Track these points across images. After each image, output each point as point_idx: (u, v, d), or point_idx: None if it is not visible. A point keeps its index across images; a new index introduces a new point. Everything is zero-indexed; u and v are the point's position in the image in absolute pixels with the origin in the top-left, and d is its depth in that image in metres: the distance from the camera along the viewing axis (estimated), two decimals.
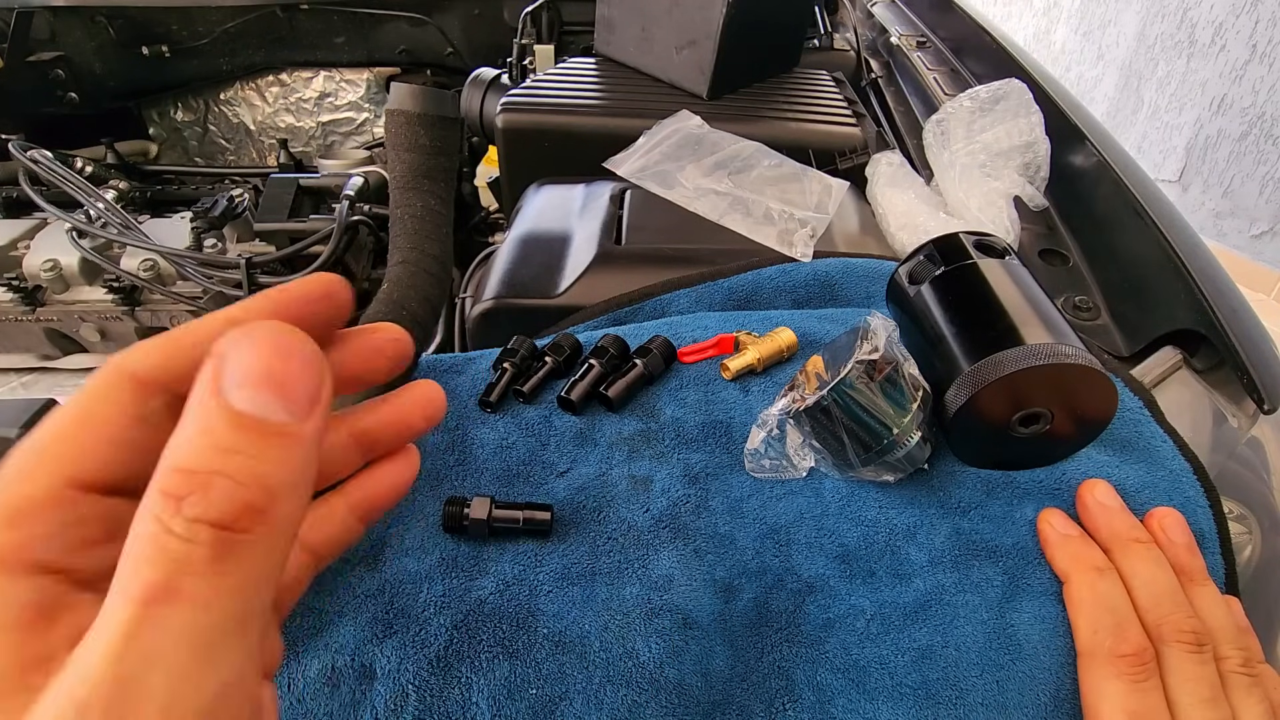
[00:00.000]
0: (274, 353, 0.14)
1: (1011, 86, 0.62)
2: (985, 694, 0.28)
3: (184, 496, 0.13)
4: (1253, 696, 0.28)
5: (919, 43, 0.95)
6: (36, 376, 0.81)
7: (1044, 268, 0.55)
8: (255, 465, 0.14)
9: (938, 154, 0.63)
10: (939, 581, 0.31)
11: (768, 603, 0.31)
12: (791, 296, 0.47)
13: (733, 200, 0.57)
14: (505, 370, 0.39)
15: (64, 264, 0.79)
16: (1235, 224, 2.24)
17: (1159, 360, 0.44)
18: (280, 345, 0.14)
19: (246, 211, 0.87)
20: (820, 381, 0.32)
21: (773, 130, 0.67)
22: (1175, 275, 0.46)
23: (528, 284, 0.51)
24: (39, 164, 0.82)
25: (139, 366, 0.16)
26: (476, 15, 1.20)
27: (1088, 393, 0.31)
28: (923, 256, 0.37)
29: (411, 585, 0.31)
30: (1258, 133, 2.10)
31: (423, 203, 0.39)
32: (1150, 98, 2.42)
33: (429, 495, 0.34)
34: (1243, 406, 0.41)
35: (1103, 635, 0.28)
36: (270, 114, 1.31)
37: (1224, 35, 2.14)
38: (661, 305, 0.47)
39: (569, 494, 0.34)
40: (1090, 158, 0.59)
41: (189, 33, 1.16)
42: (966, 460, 0.34)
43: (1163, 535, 0.31)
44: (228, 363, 0.14)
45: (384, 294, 0.37)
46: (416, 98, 0.39)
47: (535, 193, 0.64)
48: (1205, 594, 0.30)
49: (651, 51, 0.75)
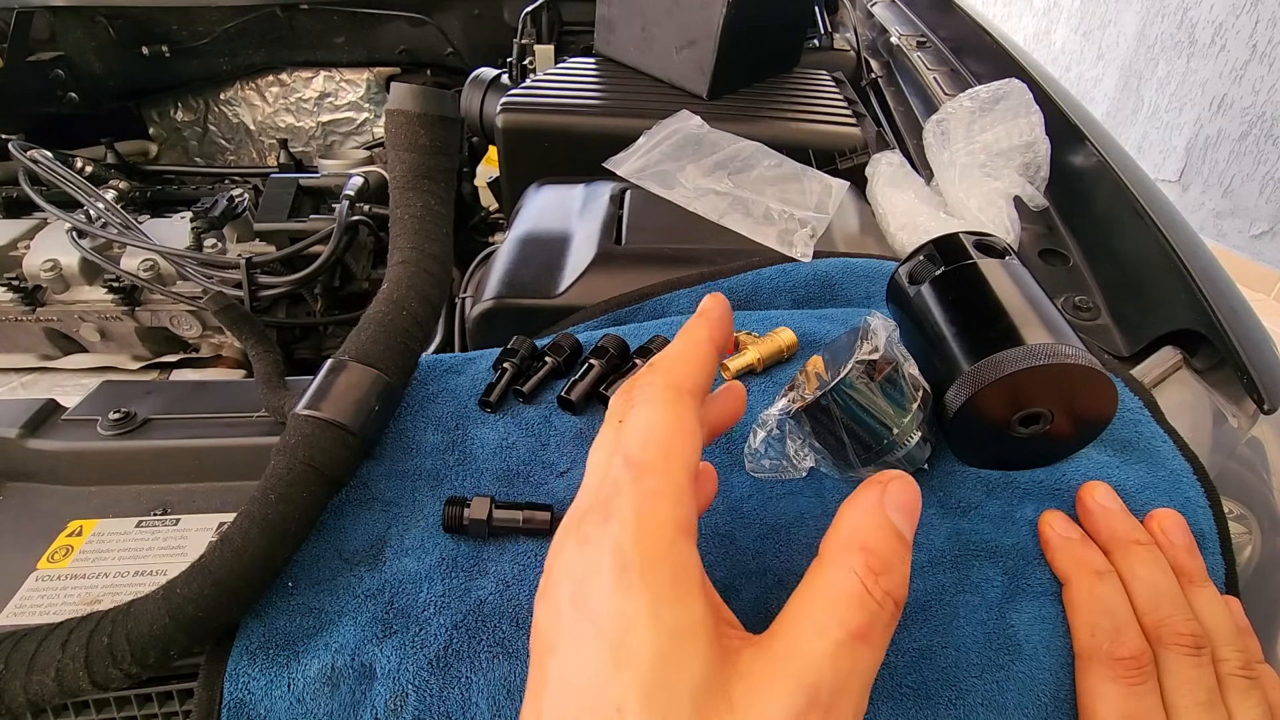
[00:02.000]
0: (911, 494, 0.22)
1: (1011, 86, 0.62)
2: (985, 694, 0.28)
3: (880, 573, 0.20)
4: (1250, 699, 0.28)
5: (919, 43, 0.95)
6: (36, 376, 0.81)
7: (1044, 268, 0.55)
8: (902, 568, 0.21)
9: (938, 154, 0.63)
10: (938, 581, 0.31)
11: (768, 603, 0.31)
12: (791, 296, 0.47)
13: (733, 200, 0.57)
14: (505, 370, 0.39)
15: (64, 264, 0.79)
16: (1235, 224, 2.24)
17: (1159, 360, 0.44)
18: (910, 489, 0.22)
19: (246, 211, 0.87)
20: (820, 381, 0.32)
21: (773, 130, 0.67)
22: (1175, 275, 0.46)
23: (528, 284, 0.51)
24: (39, 164, 0.82)
25: (693, 385, 0.23)
26: (476, 15, 1.20)
27: (1088, 393, 0.31)
28: (923, 256, 0.36)
29: (411, 585, 0.31)
30: (1258, 133, 2.10)
31: (423, 203, 0.39)
32: (1150, 98, 2.42)
33: (429, 495, 0.34)
34: (1243, 406, 0.41)
35: (1100, 638, 0.28)
36: (270, 114, 1.31)
37: (1224, 35, 2.14)
38: (661, 305, 0.47)
39: (569, 494, 0.34)
40: (1090, 158, 0.59)
41: (189, 33, 1.16)
42: (966, 460, 0.34)
43: (1163, 537, 0.31)
44: (889, 493, 0.22)
45: (384, 294, 0.37)
46: (416, 98, 0.39)
47: (535, 193, 0.64)
48: (1205, 595, 0.30)
49: (651, 51, 0.75)
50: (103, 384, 0.43)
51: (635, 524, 0.20)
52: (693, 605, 0.19)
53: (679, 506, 0.21)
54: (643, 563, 0.19)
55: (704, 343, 0.25)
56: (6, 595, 0.32)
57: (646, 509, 0.20)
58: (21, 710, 0.26)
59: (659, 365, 0.24)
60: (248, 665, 0.28)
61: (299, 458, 0.30)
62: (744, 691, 0.19)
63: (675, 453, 0.21)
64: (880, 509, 0.21)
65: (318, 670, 0.28)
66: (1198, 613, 0.30)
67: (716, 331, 0.26)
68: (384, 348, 0.35)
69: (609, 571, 0.19)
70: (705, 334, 0.25)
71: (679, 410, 0.22)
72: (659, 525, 0.20)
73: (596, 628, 0.19)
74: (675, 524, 0.20)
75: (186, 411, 0.40)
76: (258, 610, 0.30)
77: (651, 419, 0.22)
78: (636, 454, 0.21)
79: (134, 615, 0.26)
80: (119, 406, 0.39)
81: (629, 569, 0.19)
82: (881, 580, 0.20)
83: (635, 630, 0.18)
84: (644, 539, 0.20)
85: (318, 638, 0.29)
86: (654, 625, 0.19)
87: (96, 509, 0.36)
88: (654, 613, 0.19)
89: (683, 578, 0.20)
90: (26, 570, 0.33)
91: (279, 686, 0.28)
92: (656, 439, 0.22)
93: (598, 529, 0.20)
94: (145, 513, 0.36)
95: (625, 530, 0.20)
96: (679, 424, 0.22)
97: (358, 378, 0.34)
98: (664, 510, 0.20)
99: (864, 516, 0.21)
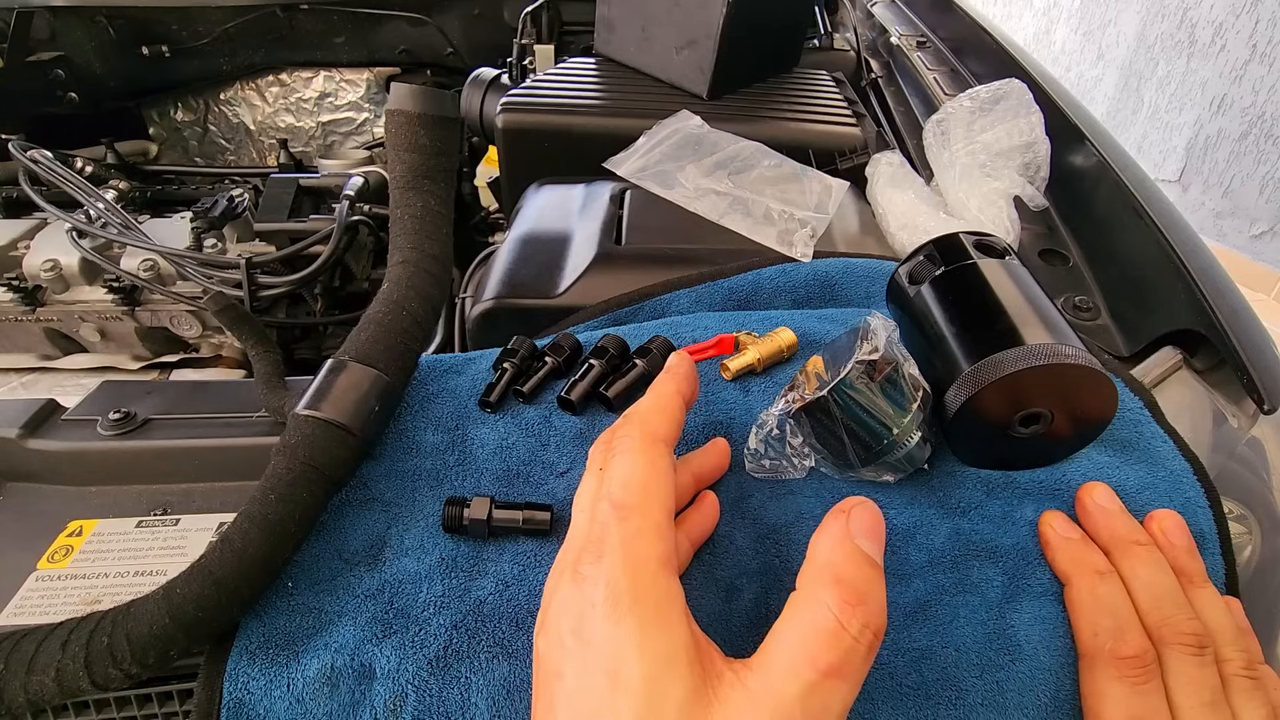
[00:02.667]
0: (875, 518, 0.24)
1: (1011, 86, 0.62)
2: (984, 694, 0.28)
3: (856, 605, 0.21)
4: (1254, 699, 0.28)
5: (919, 43, 0.95)
6: (36, 376, 0.81)
7: (1044, 268, 0.55)
8: (878, 594, 0.22)
9: (938, 154, 0.63)
10: (938, 582, 0.31)
11: (767, 603, 0.31)
12: (791, 296, 0.47)
13: (733, 200, 0.57)
14: (505, 370, 0.39)
15: (64, 264, 0.79)
16: (1235, 224, 2.24)
17: (1159, 360, 0.44)
18: (872, 514, 0.24)
19: (246, 211, 0.87)
20: (820, 381, 0.32)
21: (773, 130, 0.67)
22: (1175, 275, 0.46)
23: (528, 284, 0.51)
24: (39, 164, 0.82)
25: (666, 434, 0.27)
26: (476, 15, 1.20)
27: (1088, 393, 0.31)
28: (923, 256, 0.36)
29: (411, 585, 0.31)
30: (1258, 133, 2.10)
31: (423, 203, 0.39)
32: (1150, 98, 2.42)
33: (429, 495, 0.34)
34: (1243, 406, 0.41)
35: (1104, 638, 0.28)
36: (270, 114, 1.31)
37: (1224, 35, 2.14)
38: (661, 305, 0.47)
39: (569, 494, 0.34)
40: (1090, 158, 0.59)
41: (189, 33, 1.16)
42: (966, 460, 0.34)
43: (1163, 538, 0.31)
44: (854, 520, 0.23)
45: (384, 294, 0.37)
46: (416, 98, 0.39)
47: (535, 193, 0.64)
48: (1205, 596, 0.30)
49: (651, 51, 0.75)
50: (103, 384, 0.43)
51: (623, 560, 0.22)
52: (675, 631, 0.22)
53: (660, 542, 0.23)
54: (632, 595, 0.22)
55: (674, 395, 0.28)
56: (6, 595, 0.32)
57: (632, 546, 0.23)
58: (21, 710, 0.26)
59: (634, 417, 0.27)
60: (247, 665, 0.28)
61: (299, 458, 0.30)
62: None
63: (654, 495, 0.24)
64: (849, 538, 0.23)
65: (317, 670, 0.28)
66: (1199, 613, 0.29)
67: (684, 385, 0.29)
68: (384, 348, 0.35)
69: (603, 604, 0.22)
70: (674, 388, 0.29)
71: (654, 457, 0.25)
72: (643, 560, 0.22)
73: (595, 655, 0.21)
74: (658, 559, 0.23)
75: (186, 411, 0.40)
76: (258, 610, 0.30)
77: (631, 466, 0.25)
78: (620, 497, 0.24)
79: (134, 615, 0.26)
80: (119, 406, 0.39)
81: (619, 601, 0.22)
82: (859, 612, 0.21)
83: (626, 656, 0.21)
84: (630, 573, 0.22)
85: (317, 638, 0.29)
86: (642, 651, 0.21)
87: (96, 509, 0.36)
88: (641, 640, 0.21)
89: (666, 606, 0.22)
90: (26, 570, 0.33)
91: (278, 687, 0.28)
92: (636, 483, 0.24)
93: (591, 567, 0.23)
94: (145, 513, 0.36)
95: (615, 566, 0.22)
96: (655, 469, 0.25)
97: (358, 378, 0.34)
98: (646, 547, 0.23)
99: (834, 547, 0.23)
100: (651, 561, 0.23)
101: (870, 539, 0.23)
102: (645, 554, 0.23)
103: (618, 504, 0.24)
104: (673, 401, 0.28)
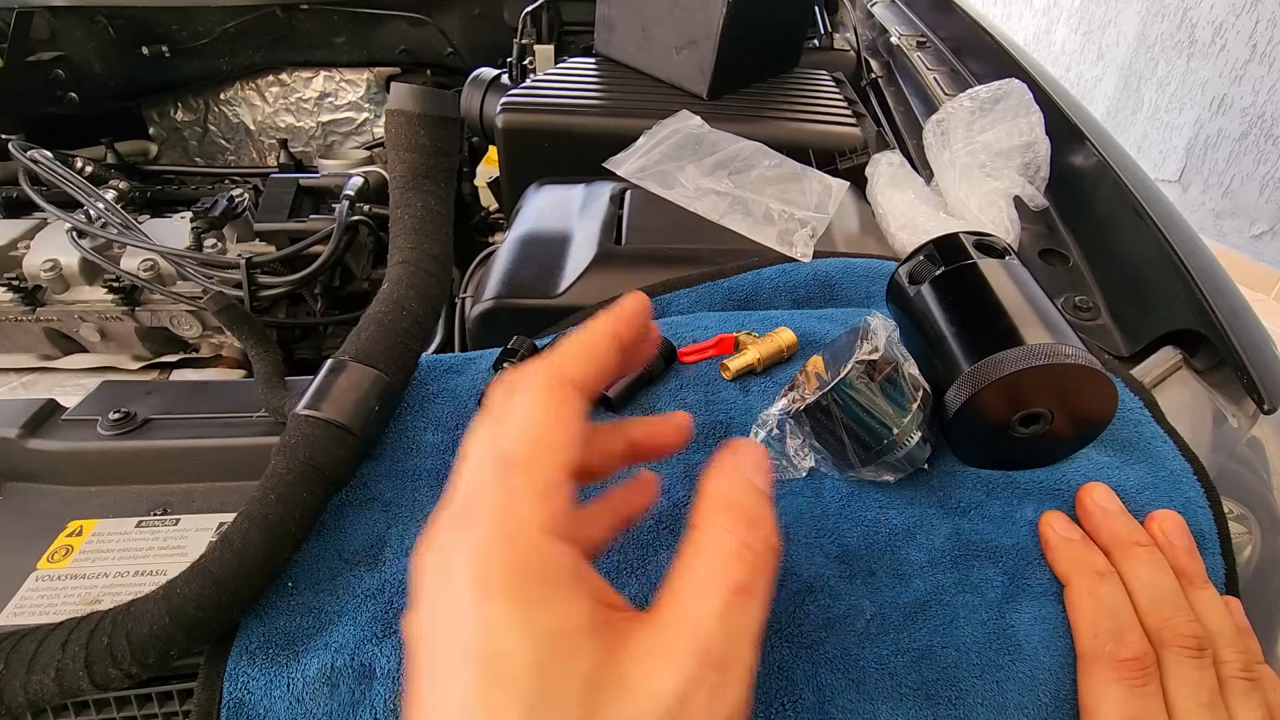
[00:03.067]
0: (761, 453, 0.23)
1: (1011, 86, 0.62)
2: (985, 694, 0.28)
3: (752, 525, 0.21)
4: (1250, 701, 0.28)
5: (919, 43, 0.95)
6: (36, 376, 0.81)
7: (1044, 268, 0.55)
8: (772, 520, 0.21)
9: (938, 154, 0.63)
10: (939, 582, 0.31)
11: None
12: (791, 296, 0.47)
13: (733, 200, 0.57)
14: (505, 370, 0.39)
15: (64, 264, 0.79)
16: (1235, 224, 2.24)
17: (1159, 360, 0.44)
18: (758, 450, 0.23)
19: (246, 211, 0.87)
20: (820, 381, 0.32)
21: (773, 130, 0.67)
22: (1175, 275, 0.46)
23: (528, 284, 0.51)
24: (39, 164, 0.82)
25: (581, 377, 0.22)
26: (476, 15, 1.20)
27: (1088, 393, 0.31)
28: (923, 256, 0.36)
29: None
30: (1258, 133, 2.10)
31: (423, 203, 0.39)
32: (1150, 98, 2.42)
33: (429, 495, 0.34)
34: (1243, 406, 0.41)
35: (1103, 639, 0.28)
36: (270, 114, 1.31)
37: (1224, 35, 2.14)
38: (661, 305, 0.47)
39: None
40: (1090, 158, 0.59)
41: (189, 33, 1.16)
42: (966, 460, 0.34)
43: (1163, 538, 0.31)
44: (741, 456, 0.23)
45: (384, 294, 0.37)
46: (416, 98, 0.39)
47: (535, 193, 0.64)
48: (1205, 597, 0.30)
49: (651, 51, 0.75)
50: (103, 384, 0.43)
51: (494, 527, 0.19)
52: (565, 605, 0.18)
53: (544, 502, 0.19)
54: (503, 569, 0.18)
55: (604, 335, 0.23)
56: (6, 595, 0.32)
57: (508, 510, 0.19)
58: (21, 710, 0.26)
59: (546, 355, 0.23)
60: (247, 665, 0.28)
61: (299, 458, 0.30)
62: (636, 668, 0.18)
63: (547, 447, 0.20)
64: (739, 470, 0.22)
65: (317, 670, 0.28)
66: (1198, 614, 0.29)
67: (623, 327, 0.24)
68: (384, 348, 0.35)
69: (466, 582, 0.18)
70: (609, 327, 0.23)
71: (558, 401, 0.21)
72: (520, 525, 0.19)
73: (462, 644, 0.17)
74: (539, 524, 0.19)
75: (186, 411, 0.40)
76: (257, 610, 0.30)
77: (528, 410, 0.21)
78: (506, 447, 0.20)
79: (134, 615, 0.26)
80: (119, 406, 0.39)
81: (488, 579, 0.18)
82: (759, 530, 0.20)
83: (504, 642, 0.17)
84: (503, 542, 0.18)
85: (317, 638, 0.29)
86: (525, 634, 0.17)
87: (96, 509, 0.36)
88: (525, 620, 0.17)
89: (551, 577, 0.18)
90: (26, 570, 0.33)
91: (278, 686, 0.28)
92: (530, 433, 0.20)
93: (453, 534, 0.19)
94: (145, 513, 0.36)
95: (484, 535, 0.19)
96: (556, 417, 0.21)
97: (358, 378, 0.34)
98: (525, 509, 0.19)
99: (725, 480, 0.22)
100: (530, 528, 0.19)
101: (760, 474, 0.22)
102: (523, 518, 0.19)
103: (503, 457, 0.20)
104: (600, 341, 0.23)
